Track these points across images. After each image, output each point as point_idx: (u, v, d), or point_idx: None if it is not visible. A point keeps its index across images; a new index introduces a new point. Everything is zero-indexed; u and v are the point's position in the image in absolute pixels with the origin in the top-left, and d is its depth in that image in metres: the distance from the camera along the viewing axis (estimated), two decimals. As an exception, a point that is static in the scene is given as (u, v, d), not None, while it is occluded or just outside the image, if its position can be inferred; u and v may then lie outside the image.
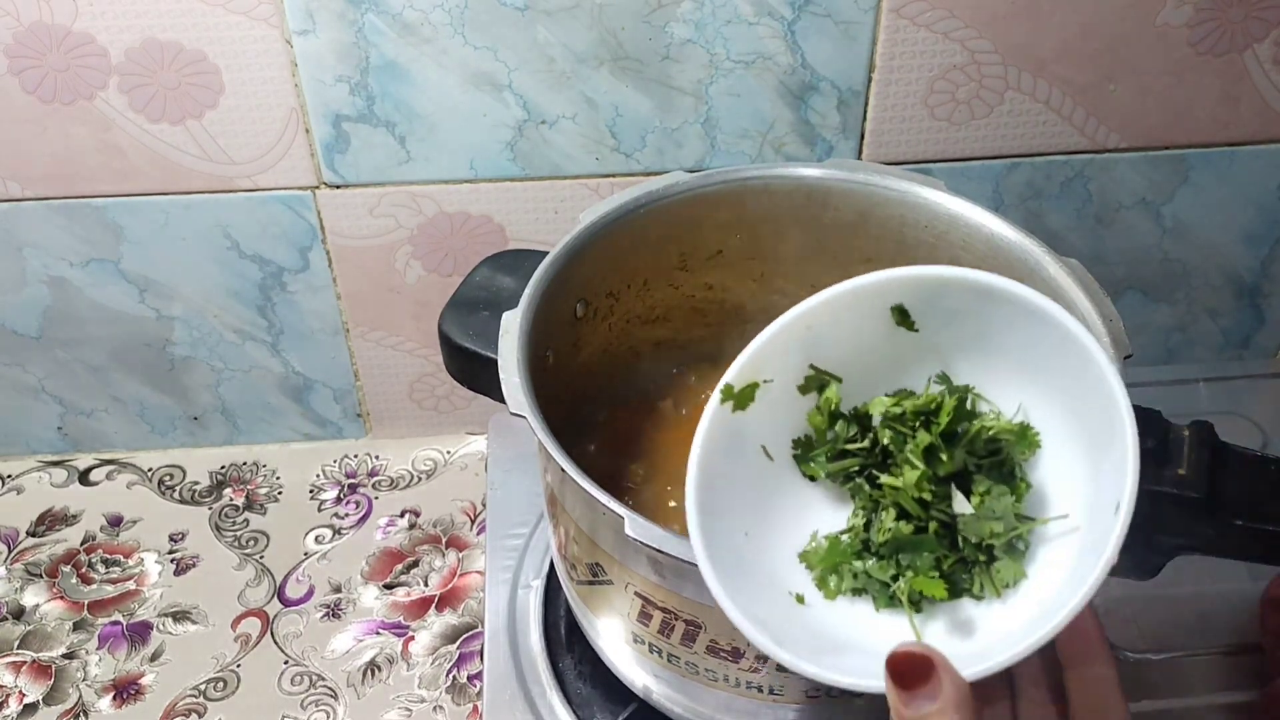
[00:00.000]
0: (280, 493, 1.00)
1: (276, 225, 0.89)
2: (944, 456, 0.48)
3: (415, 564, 0.94)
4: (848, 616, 0.49)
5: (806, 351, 0.53)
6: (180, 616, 0.91)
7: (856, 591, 0.50)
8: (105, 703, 0.86)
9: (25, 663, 0.88)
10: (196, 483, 1.02)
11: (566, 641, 0.75)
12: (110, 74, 0.80)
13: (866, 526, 0.50)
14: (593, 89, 0.83)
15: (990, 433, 0.50)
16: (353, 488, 1.01)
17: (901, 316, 0.52)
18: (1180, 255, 0.95)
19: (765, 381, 0.52)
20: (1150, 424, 0.57)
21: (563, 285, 0.64)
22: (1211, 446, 0.57)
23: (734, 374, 0.52)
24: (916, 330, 0.52)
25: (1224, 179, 0.91)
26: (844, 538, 0.51)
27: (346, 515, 0.98)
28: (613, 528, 0.53)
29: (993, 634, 0.47)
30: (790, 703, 0.58)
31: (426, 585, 0.93)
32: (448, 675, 0.87)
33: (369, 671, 0.87)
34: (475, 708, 0.84)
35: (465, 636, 0.89)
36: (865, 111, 0.85)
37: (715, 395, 0.52)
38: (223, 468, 1.02)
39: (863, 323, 0.52)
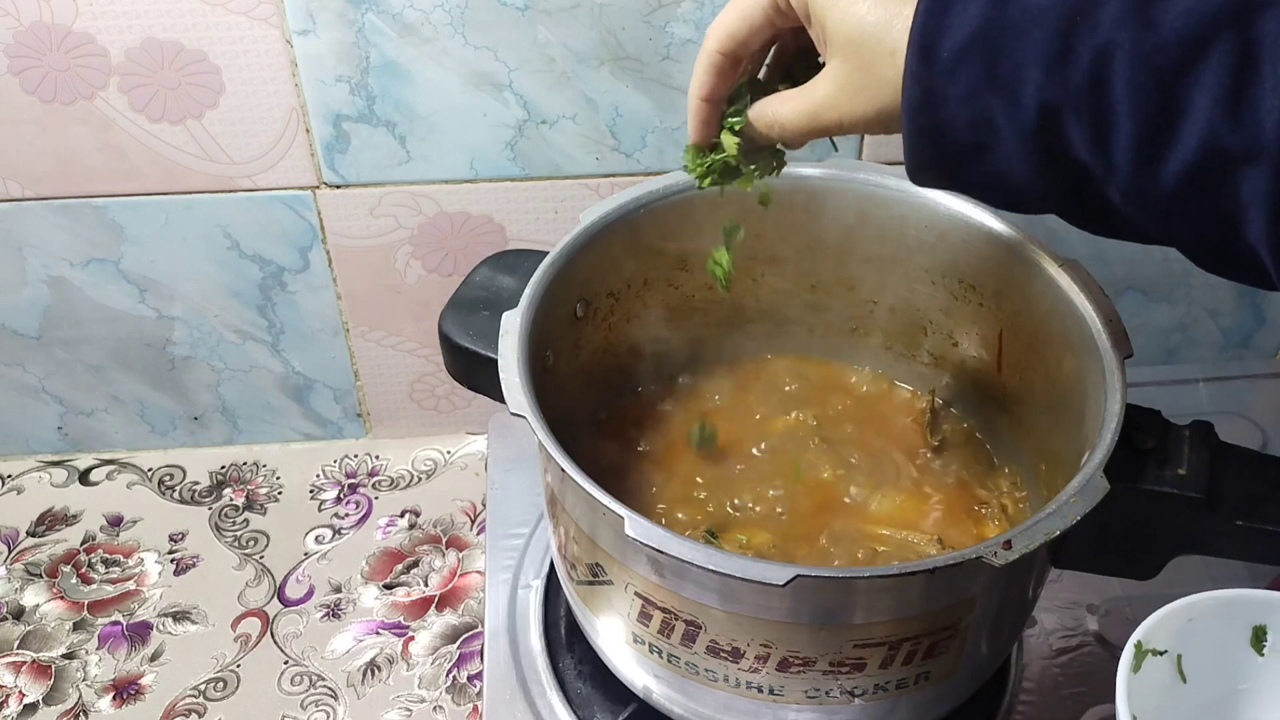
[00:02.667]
0: (280, 493, 1.00)
1: (276, 225, 0.89)
2: None
3: (415, 564, 0.94)
4: None
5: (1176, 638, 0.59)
6: (180, 616, 0.91)
7: None
8: (105, 703, 0.86)
9: (25, 663, 0.88)
10: (196, 483, 1.02)
11: (566, 641, 0.75)
12: (110, 74, 0.80)
13: None
14: (593, 89, 0.83)
15: None
16: (353, 488, 1.01)
17: (1257, 639, 0.58)
18: (1180, 255, 0.95)
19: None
20: (1150, 424, 0.57)
21: (563, 285, 0.64)
22: (1211, 446, 0.57)
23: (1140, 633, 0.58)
24: (1263, 655, 0.58)
25: (1224, 179, 0.91)
26: None
27: (346, 515, 0.98)
28: (613, 528, 0.53)
29: None
30: (790, 703, 0.58)
31: (426, 585, 0.93)
32: (448, 675, 0.87)
33: (369, 671, 0.87)
34: (475, 708, 0.84)
35: (465, 636, 0.89)
36: (865, 111, 0.85)
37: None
38: (223, 468, 1.02)
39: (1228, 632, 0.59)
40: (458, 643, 0.89)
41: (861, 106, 0.48)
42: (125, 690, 0.87)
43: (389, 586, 0.93)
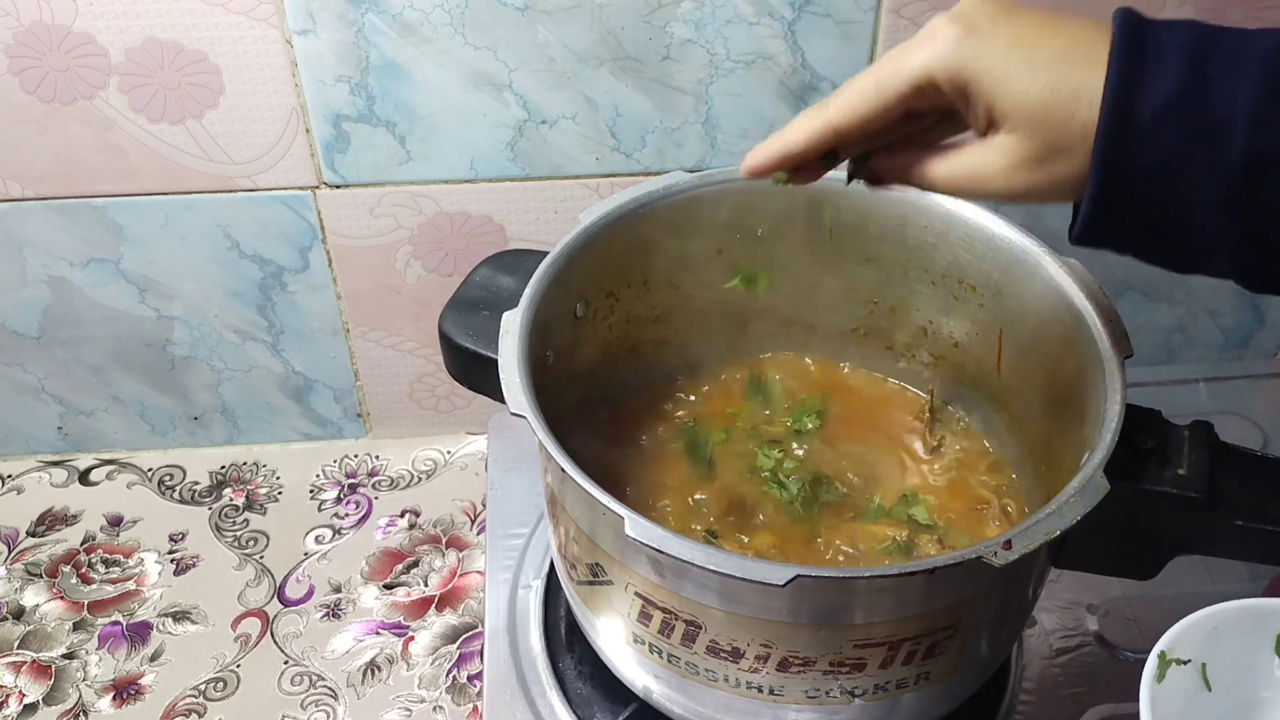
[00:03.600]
0: (280, 493, 1.00)
1: (276, 225, 0.89)
2: None
3: (415, 564, 0.94)
4: None
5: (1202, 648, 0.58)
6: (180, 616, 0.91)
7: None
8: (105, 703, 0.86)
9: (25, 663, 0.88)
10: (196, 483, 1.02)
11: (566, 641, 0.75)
12: (110, 74, 0.80)
13: None
14: (593, 89, 0.83)
15: None
16: (353, 488, 1.01)
17: None
18: (1180, 255, 0.95)
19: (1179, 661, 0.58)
20: (1150, 424, 0.57)
21: (563, 285, 0.64)
22: (1211, 446, 0.57)
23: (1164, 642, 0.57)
24: None
25: (1224, 179, 0.91)
26: None
27: (346, 515, 0.98)
28: (613, 528, 0.53)
29: None
30: (790, 703, 0.58)
31: (426, 585, 0.93)
32: (448, 675, 0.87)
33: (369, 671, 0.87)
34: (475, 708, 0.84)
35: (465, 636, 0.89)
36: (865, 111, 0.85)
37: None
38: (223, 468, 1.02)
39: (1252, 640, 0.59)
40: (458, 643, 0.89)
41: (1040, 179, 0.47)
42: (125, 690, 0.87)
43: (389, 586, 0.93)
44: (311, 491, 1.00)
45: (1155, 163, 0.44)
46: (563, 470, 0.54)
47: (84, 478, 1.02)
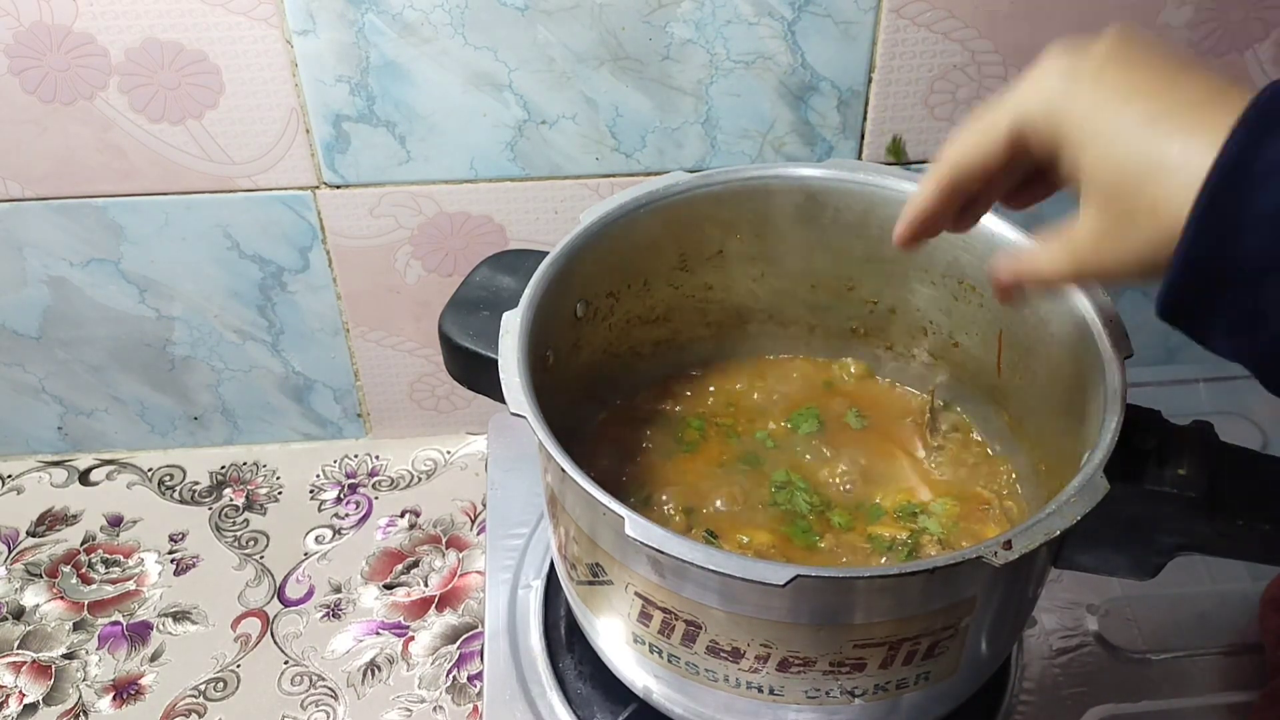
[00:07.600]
0: (280, 493, 1.00)
1: (277, 225, 0.89)
2: None
3: (415, 564, 0.94)
4: None
5: None
6: (180, 616, 0.91)
7: None
8: (105, 703, 0.86)
9: (25, 663, 0.88)
10: (196, 483, 1.02)
11: (566, 641, 0.75)
12: (110, 74, 0.80)
13: None
14: (593, 89, 0.83)
15: None
16: (353, 488, 1.01)
17: None
18: (1180, 255, 0.95)
19: None
20: (1150, 424, 0.57)
21: (563, 285, 0.64)
22: (1211, 446, 0.57)
23: None
24: None
25: (1224, 179, 0.91)
26: None
27: (346, 515, 0.98)
28: (613, 528, 0.53)
29: None
30: (790, 703, 0.58)
31: (426, 585, 0.93)
32: (448, 675, 0.87)
33: (369, 671, 0.87)
34: (475, 708, 0.84)
35: (465, 636, 0.89)
36: (865, 111, 0.85)
37: None
38: (223, 468, 1.02)
39: None
40: (458, 643, 0.89)
41: (1125, 253, 0.43)
42: (125, 690, 0.87)
43: (389, 586, 0.93)
44: (311, 491, 1.00)
45: (1262, 222, 0.38)
46: (563, 470, 0.54)
47: (84, 478, 1.02)
